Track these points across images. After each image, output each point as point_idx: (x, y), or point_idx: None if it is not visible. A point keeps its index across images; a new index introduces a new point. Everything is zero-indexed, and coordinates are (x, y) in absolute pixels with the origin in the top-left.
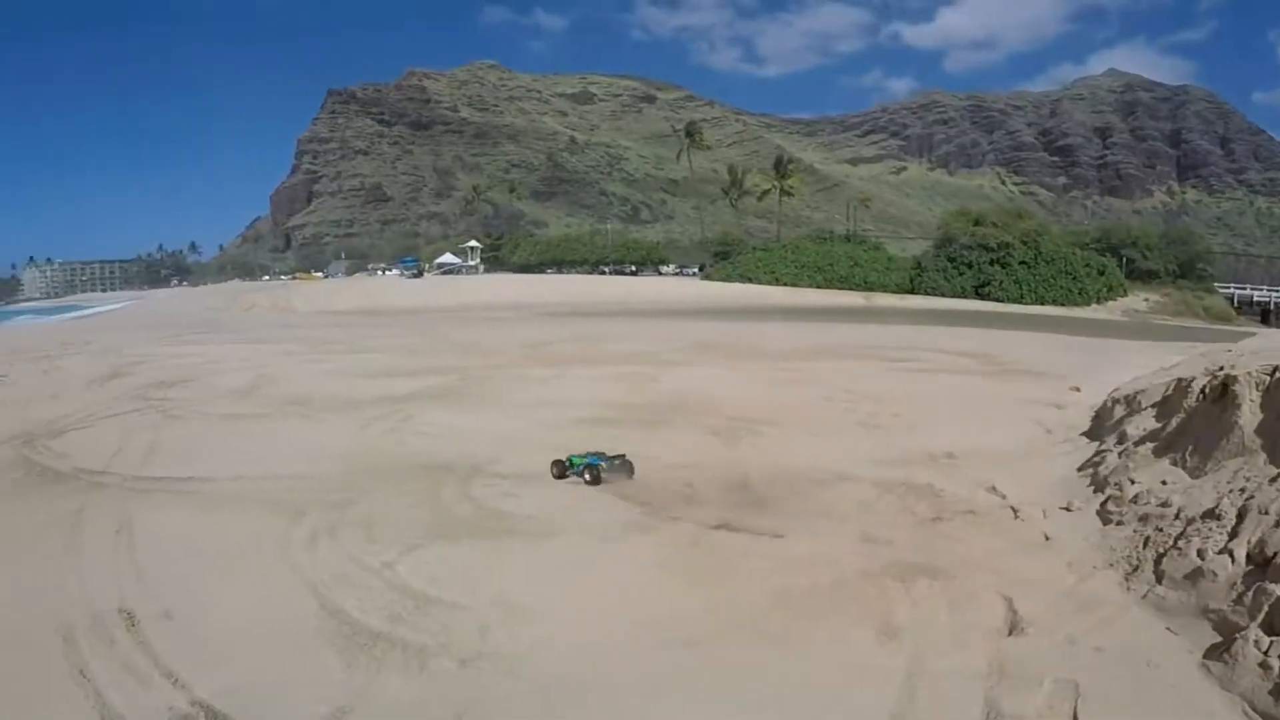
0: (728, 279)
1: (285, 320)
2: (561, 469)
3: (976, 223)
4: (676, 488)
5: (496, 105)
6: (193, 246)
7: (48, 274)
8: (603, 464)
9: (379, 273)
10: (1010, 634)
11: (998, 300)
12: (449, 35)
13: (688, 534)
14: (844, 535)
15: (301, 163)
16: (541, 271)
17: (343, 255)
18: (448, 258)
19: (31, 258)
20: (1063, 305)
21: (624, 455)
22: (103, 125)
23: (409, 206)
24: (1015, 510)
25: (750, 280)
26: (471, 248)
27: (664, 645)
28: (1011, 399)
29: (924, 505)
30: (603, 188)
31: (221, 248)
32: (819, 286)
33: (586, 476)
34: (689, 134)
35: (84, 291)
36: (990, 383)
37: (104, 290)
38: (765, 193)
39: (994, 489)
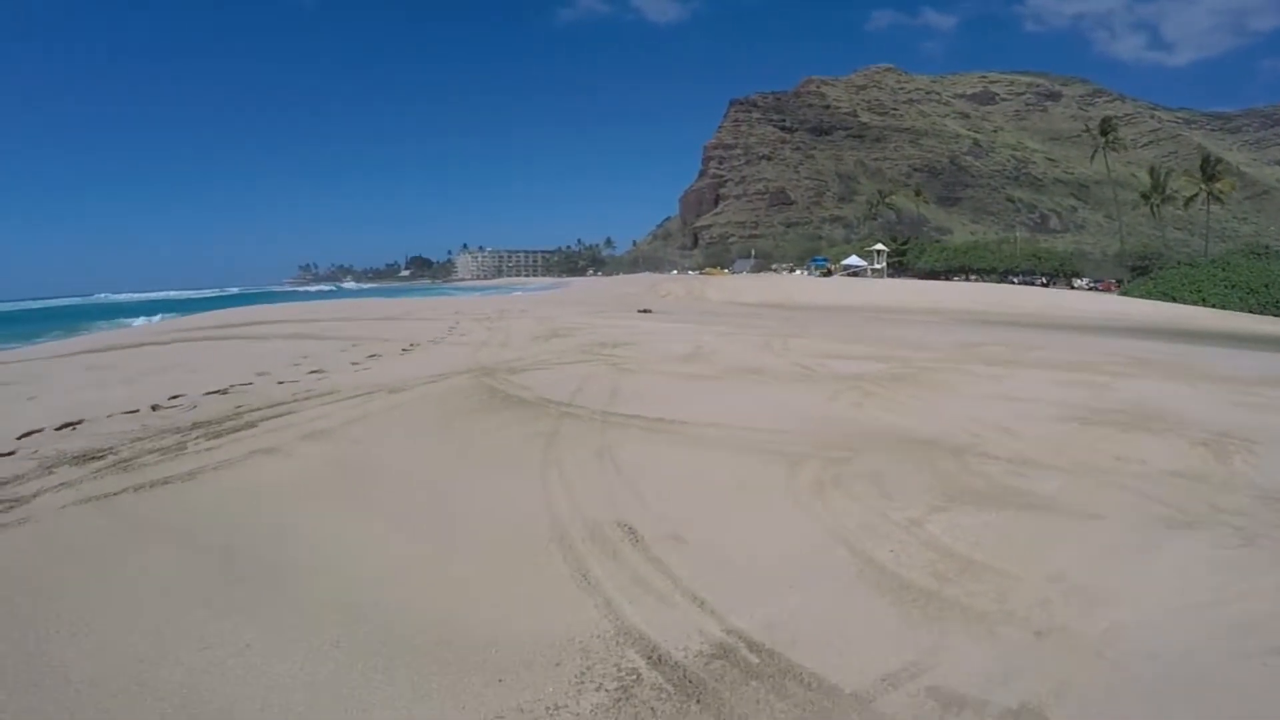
0: (1147, 295)
1: (700, 308)
2: None
3: None
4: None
5: (895, 109)
6: (608, 241)
7: (478, 259)
8: None
9: (784, 272)
10: None
11: None
12: (840, 42)
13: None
14: None
15: (708, 167)
16: (948, 278)
17: (752, 254)
18: (853, 260)
19: (465, 244)
20: None
21: None
22: (530, 130)
23: (812, 210)
24: None
25: (1173, 299)
26: (878, 251)
27: (1264, 651)
28: None
29: None
30: (1009, 193)
31: (634, 243)
32: (1252, 311)
33: None
34: (1103, 131)
35: (508, 276)
36: None
37: (526, 276)
38: (1189, 199)
39: None
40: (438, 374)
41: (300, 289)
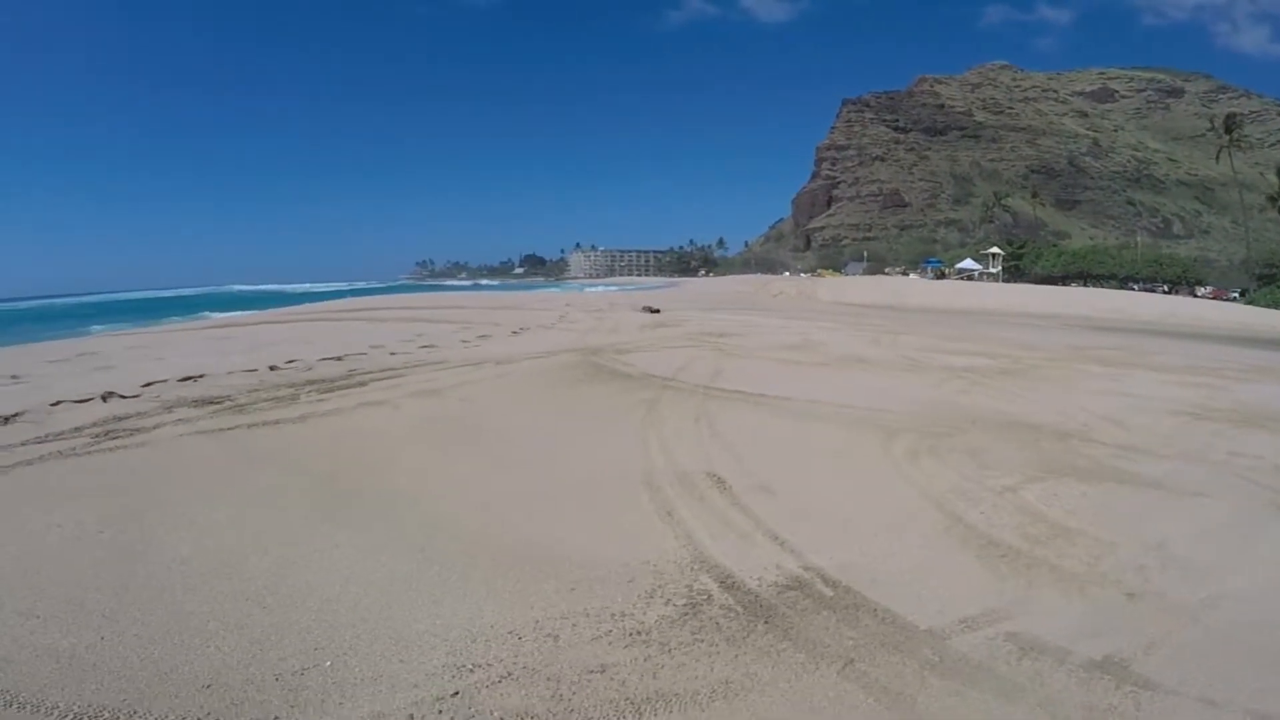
0: (1275, 305)
1: (810, 307)
2: None
3: None
4: None
5: (1011, 107)
6: (720, 242)
7: (591, 258)
8: None
9: (896, 274)
10: None
11: None
12: (953, 39)
13: None
14: None
15: (821, 169)
16: (1065, 283)
17: (864, 256)
18: (968, 263)
19: (578, 243)
20: None
21: None
22: (641, 131)
23: (926, 212)
24: None
25: None
26: (993, 254)
27: None
28: None
29: None
30: (1129, 196)
31: (746, 244)
32: None
33: None
34: (1228, 129)
35: (620, 275)
36: None
37: (638, 275)
38: None
39: None
40: (545, 351)
41: (420, 283)
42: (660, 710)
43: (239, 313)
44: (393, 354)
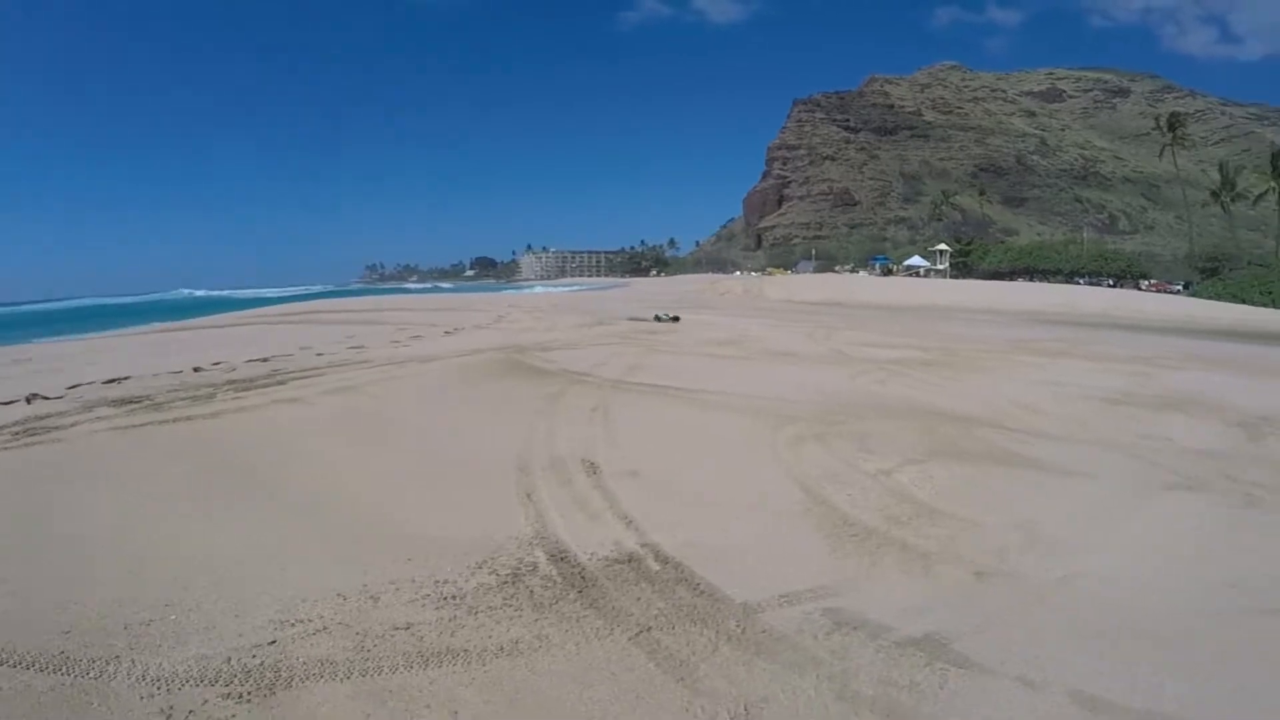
0: (1216, 297)
1: (757, 305)
2: None
3: None
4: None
5: (960, 107)
6: (671, 242)
7: (542, 259)
8: None
9: (846, 272)
10: None
11: None
12: (904, 40)
13: (1234, 496)
14: None
15: (772, 169)
16: (1012, 279)
17: (813, 255)
18: (916, 260)
19: (529, 245)
20: None
21: None
22: (593, 131)
23: (876, 211)
24: None
25: (1243, 300)
26: (940, 251)
27: (1239, 611)
28: None
29: None
30: (1076, 193)
31: (697, 244)
32: None
33: None
34: (1171, 127)
35: (571, 276)
36: None
37: (590, 276)
38: (1260, 196)
39: None
40: (472, 350)
41: (371, 287)
42: (446, 662)
43: (187, 319)
44: (319, 354)
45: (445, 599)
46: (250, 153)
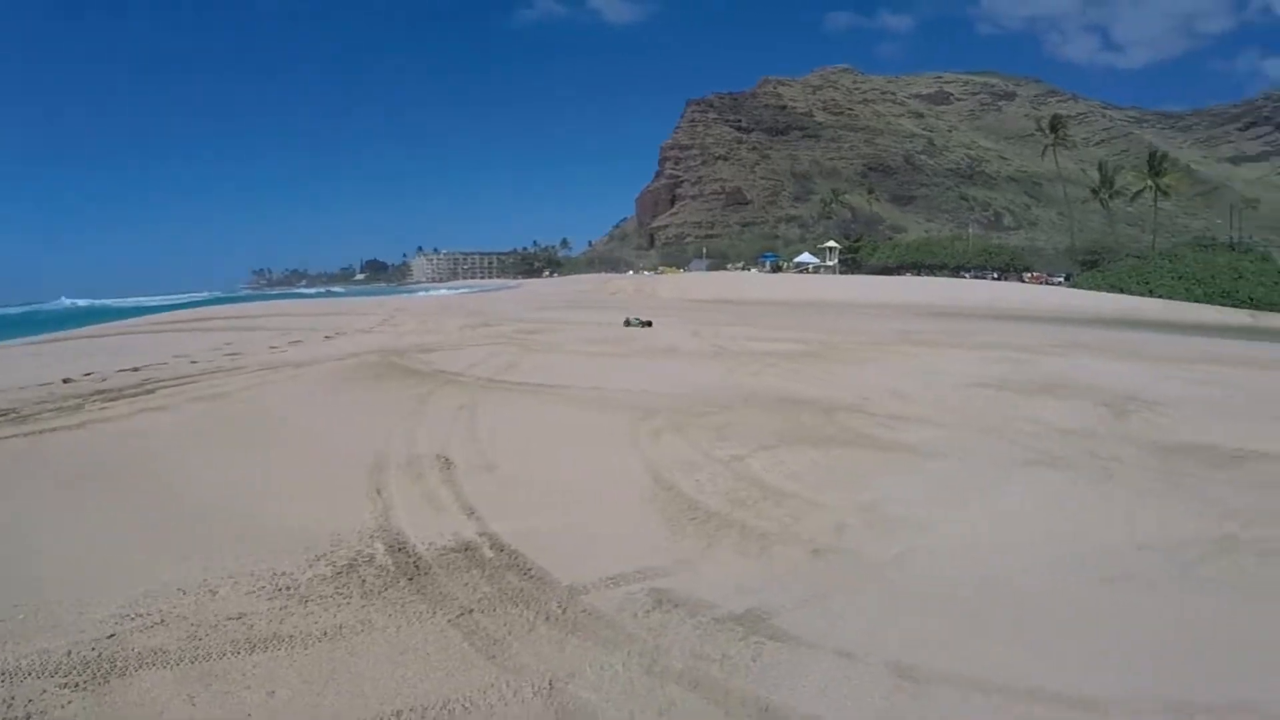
0: (1095, 288)
1: (648, 303)
2: None
3: None
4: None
5: (851, 109)
6: (564, 242)
7: (434, 262)
8: None
9: (737, 270)
10: None
11: None
12: (798, 43)
13: (1092, 471)
14: None
15: (665, 168)
16: (899, 274)
17: (704, 253)
18: (806, 257)
19: (420, 247)
20: None
21: None
22: (486, 132)
23: (768, 210)
24: None
25: (1120, 290)
26: (830, 248)
27: (1077, 581)
28: None
29: None
30: (962, 191)
31: (590, 244)
32: (1198, 300)
33: None
34: (1053, 128)
35: (464, 278)
36: None
37: (482, 278)
38: (1137, 194)
39: None
40: (350, 354)
41: (260, 292)
42: (271, 647)
43: (67, 330)
44: (194, 362)
45: (279, 590)
46: (132, 157)
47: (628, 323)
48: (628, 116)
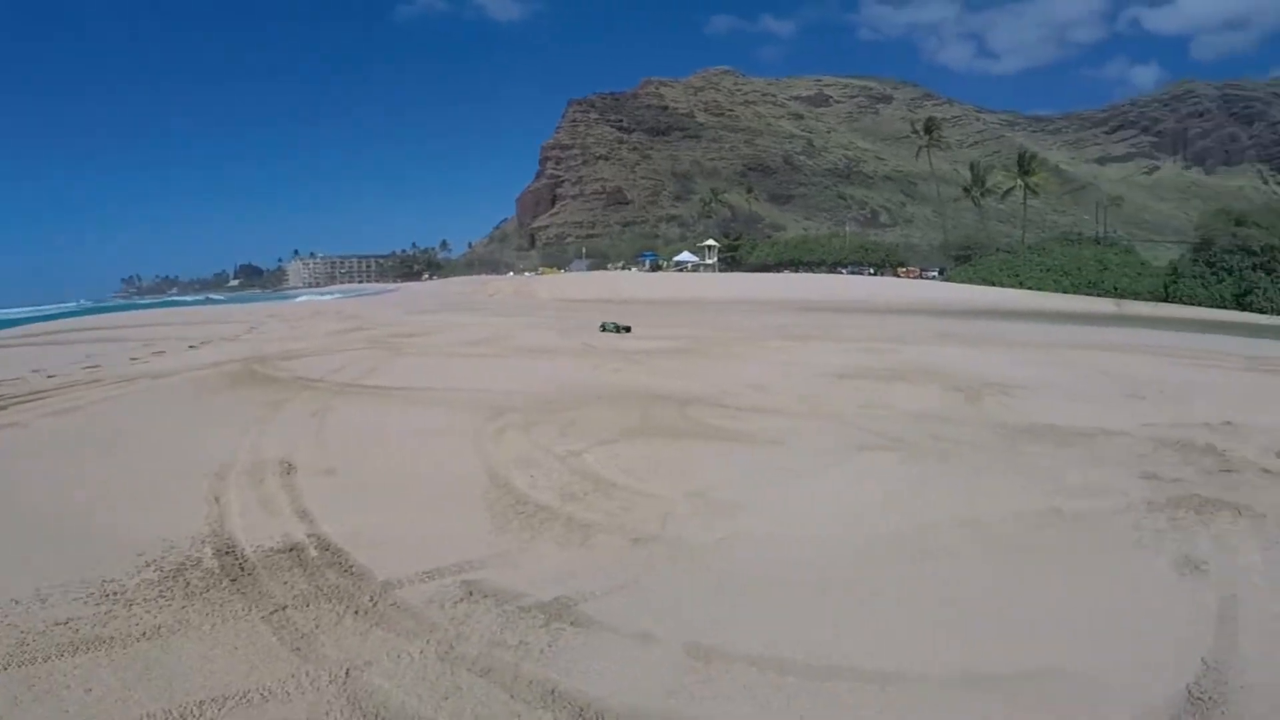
0: (968, 281)
1: (526, 305)
2: None
3: (1238, 223)
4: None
5: (732, 110)
6: (443, 244)
7: (310, 266)
8: None
9: (617, 269)
10: None
11: (1261, 311)
12: (681, 45)
13: (931, 452)
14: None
15: (545, 168)
16: (778, 271)
17: (584, 253)
18: (686, 256)
19: (296, 251)
20: None
21: None
22: (362, 132)
23: (648, 209)
24: None
25: (992, 283)
26: (709, 246)
27: (892, 559)
28: None
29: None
30: (840, 190)
31: (470, 245)
32: (1065, 291)
33: None
34: (928, 129)
35: (341, 282)
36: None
37: (360, 282)
38: (1008, 191)
39: None
40: (211, 363)
41: (131, 301)
42: (94, 649)
43: None
44: (50, 377)
45: (106, 595)
46: None
47: (604, 328)
48: (509, 116)
